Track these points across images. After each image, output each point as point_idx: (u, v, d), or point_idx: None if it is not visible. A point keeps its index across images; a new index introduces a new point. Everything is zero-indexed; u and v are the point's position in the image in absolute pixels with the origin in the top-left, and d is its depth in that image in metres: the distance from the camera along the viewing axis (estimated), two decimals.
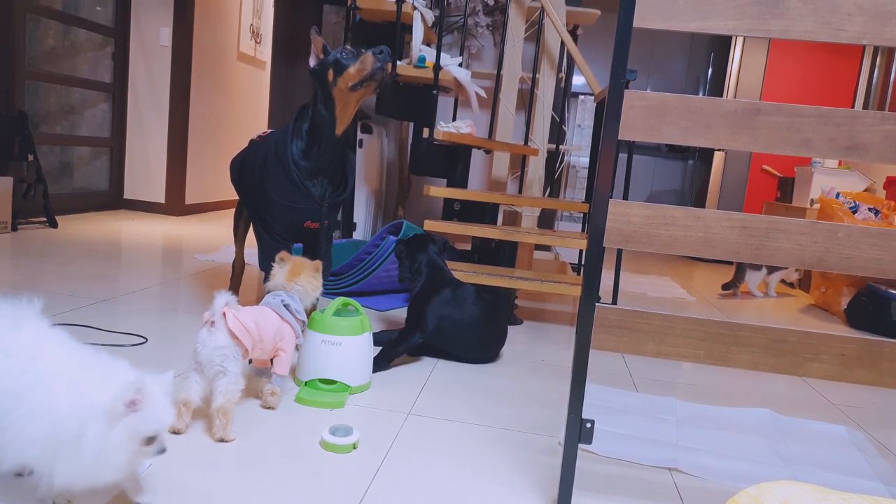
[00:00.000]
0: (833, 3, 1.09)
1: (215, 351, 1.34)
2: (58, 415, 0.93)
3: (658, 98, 1.14)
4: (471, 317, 2.00)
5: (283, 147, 1.91)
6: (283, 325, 1.52)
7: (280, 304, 1.54)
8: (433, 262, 2.08)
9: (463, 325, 1.99)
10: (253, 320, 1.42)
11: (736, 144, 1.14)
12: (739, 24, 1.12)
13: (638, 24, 1.13)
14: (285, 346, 1.52)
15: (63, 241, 3.37)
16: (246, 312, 1.43)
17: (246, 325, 1.39)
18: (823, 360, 1.20)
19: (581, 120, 5.90)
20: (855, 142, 1.11)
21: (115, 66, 4.66)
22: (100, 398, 0.94)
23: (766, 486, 0.75)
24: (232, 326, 1.36)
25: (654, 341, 1.22)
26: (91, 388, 0.96)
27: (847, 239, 1.13)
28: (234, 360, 1.36)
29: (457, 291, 2.01)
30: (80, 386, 0.96)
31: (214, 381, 1.34)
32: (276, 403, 1.52)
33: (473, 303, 2.01)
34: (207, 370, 1.35)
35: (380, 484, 1.23)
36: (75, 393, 0.95)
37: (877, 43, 1.08)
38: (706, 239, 1.15)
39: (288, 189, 1.93)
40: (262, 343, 1.45)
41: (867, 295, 3.17)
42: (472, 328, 2.01)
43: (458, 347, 2.03)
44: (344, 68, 1.86)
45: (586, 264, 1.18)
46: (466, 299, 2.01)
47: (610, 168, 1.16)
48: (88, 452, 0.93)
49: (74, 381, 0.97)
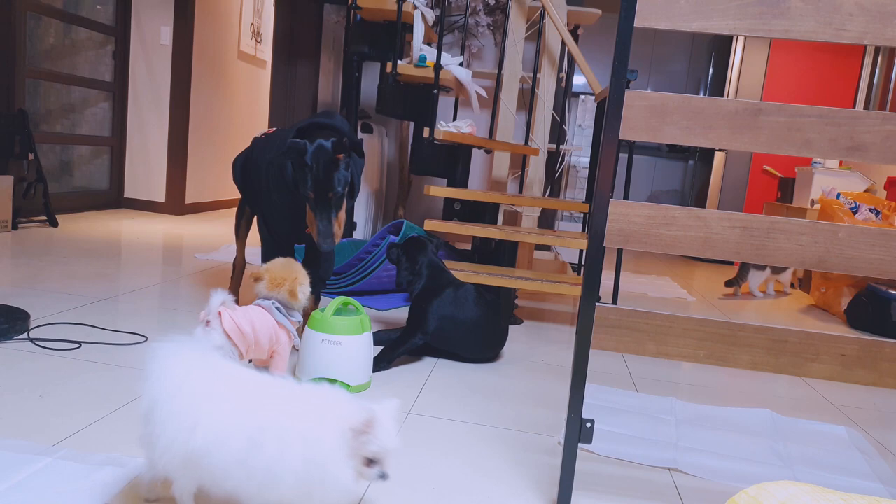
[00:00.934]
0: (834, 2, 1.09)
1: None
2: (307, 454, 0.91)
3: (659, 98, 1.14)
4: (472, 317, 2.00)
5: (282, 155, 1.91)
6: (278, 327, 1.51)
7: (272, 307, 1.51)
8: (433, 262, 2.07)
9: (464, 326, 1.99)
10: (249, 321, 1.41)
11: (737, 145, 1.14)
12: (740, 24, 1.12)
13: (639, 23, 1.13)
14: (280, 348, 1.51)
15: (63, 239, 3.37)
16: (242, 313, 1.41)
17: (241, 326, 1.37)
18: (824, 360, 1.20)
19: (581, 120, 5.90)
20: (856, 142, 1.11)
21: (116, 64, 4.65)
22: (338, 432, 0.93)
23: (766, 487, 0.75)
24: (227, 327, 1.34)
25: (654, 341, 1.22)
26: (327, 423, 0.94)
27: (848, 239, 1.13)
28: (231, 360, 1.34)
29: (458, 292, 2.01)
30: (316, 421, 0.94)
31: None
32: None
33: (475, 303, 2.01)
34: None
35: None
36: (315, 430, 0.93)
37: (878, 43, 1.08)
38: (707, 239, 1.15)
39: (290, 196, 1.93)
40: (259, 345, 1.43)
41: (867, 295, 3.17)
42: (473, 329, 2.00)
43: (460, 348, 2.03)
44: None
45: (587, 264, 1.18)
46: (468, 300, 2.01)
47: (611, 168, 1.16)
48: (335, 486, 0.92)
49: (308, 417, 0.94)
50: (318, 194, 1.74)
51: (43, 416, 1.36)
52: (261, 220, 2.10)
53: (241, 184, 2.18)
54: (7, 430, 1.28)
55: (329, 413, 0.96)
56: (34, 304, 2.13)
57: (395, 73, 3.06)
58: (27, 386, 1.50)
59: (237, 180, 2.19)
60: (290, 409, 0.95)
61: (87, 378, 1.58)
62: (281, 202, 1.97)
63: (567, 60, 3.65)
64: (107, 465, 1.17)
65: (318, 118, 1.97)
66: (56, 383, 1.53)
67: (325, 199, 1.75)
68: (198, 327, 1.35)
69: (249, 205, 2.24)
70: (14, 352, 1.71)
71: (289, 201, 1.94)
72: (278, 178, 1.92)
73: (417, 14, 3.17)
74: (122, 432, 1.32)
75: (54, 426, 1.32)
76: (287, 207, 1.96)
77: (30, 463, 1.16)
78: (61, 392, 1.48)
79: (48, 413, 1.37)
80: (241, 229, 2.38)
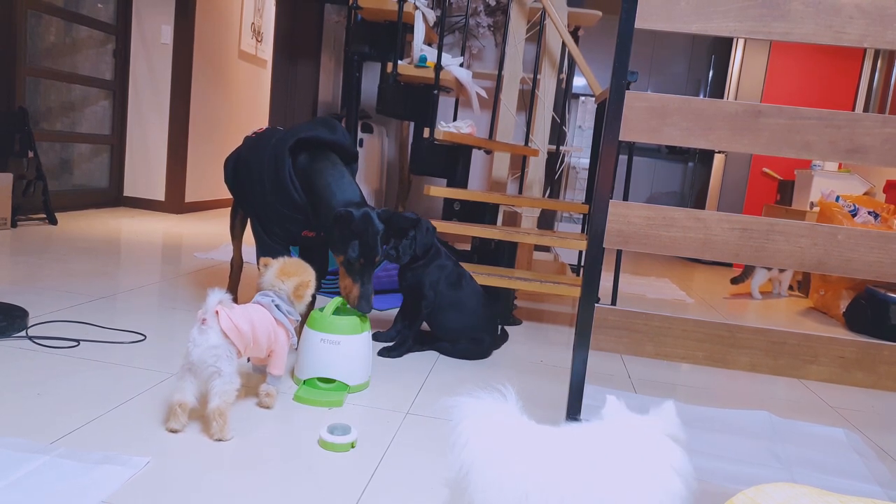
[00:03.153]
0: (834, 5, 1.09)
1: (208, 351, 1.30)
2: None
3: (659, 99, 1.14)
4: (467, 291, 2.09)
5: (281, 164, 1.91)
6: (277, 326, 1.50)
7: (272, 305, 1.50)
8: (425, 240, 2.09)
9: (458, 299, 2.08)
10: (248, 320, 1.39)
11: (737, 146, 1.14)
12: (741, 26, 1.12)
13: (640, 25, 1.13)
14: (278, 347, 1.50)
15: (62, 238, 3.37)
16: (240, 311, 1.39)
17: (239, 325, 1.35)
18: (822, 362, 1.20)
19: (581, 121, 5.90)
20: (855, 144, 1.11)
21: (116, 63, 4.65)
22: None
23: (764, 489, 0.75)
24: (224, 326, 1.32)
25: (653, 342, 1.22)
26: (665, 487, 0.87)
27: (847, 242, 1.13)
28: (229, 360, 1.32)
29: (448, 262, 2.11)
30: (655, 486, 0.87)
31: (209, 381, 1.31)
32: (271, 404, 1.51)
33: (470, 279, 2.13)
34: (201, 371, 1.31)
35: (378, 483, 1.23)
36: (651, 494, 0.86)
37: (878, 46, 1.08)
38: (706, 240, 1.15)
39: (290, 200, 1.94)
40: (257, 343, 1.42)
41: (866, 298, 3.17)
42: (466, 303, 2.09)
43: (453, 322, 2.07)
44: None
45: (586, 264, 1.18)
46: (463, 275, 2.12)
47: (610, 169, 1.17)
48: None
49: (645, 486, 0.87)
50: (367, 260, 1.83)
51: (41, 414, 1.36)
52: (255, 222, 2.09)
53: (233, 183, 2.16)
54: (5, 428, 1.28)
55: (662, 475, 0.88)
56: (33, 301, 2.13)
57: (396, 73, 3.06)
58: (25, 384, 1.50)
59: (228, 181, 2.17)
60: (625, 480, 0.87)
61: (86, 376, 1.58)
62: (278, 205, 1.96)
63: (567, 61, 3.66)
64: (105, 464, 1.17)
65: (320, 131, 1.96)
66: (54, 381, 1.53)
67: (371, 264, 1.84)
68: (193, 328, 1.34)
69: (241, 205, 2.23)
70: (12, 349, 1.71)
71: (288, 205, 1.94)
72: (276, 181, 1.91)
73: (418, 14, 3.17)
74: (120, 431, 1.32)
75: (52, 424, 1.32)
76: (285, 209, 1.96)
77: (27, 461, 1.15)
78: (59, 390, 1.48)
79: (46, 411, 1.37)
80: (237, 228, 2.37)
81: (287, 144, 1.91)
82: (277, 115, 5.45)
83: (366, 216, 1.83)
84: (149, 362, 1.72)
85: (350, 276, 1.82)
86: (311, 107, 5.15)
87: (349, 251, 1.81)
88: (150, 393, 1.52)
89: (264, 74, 6.23)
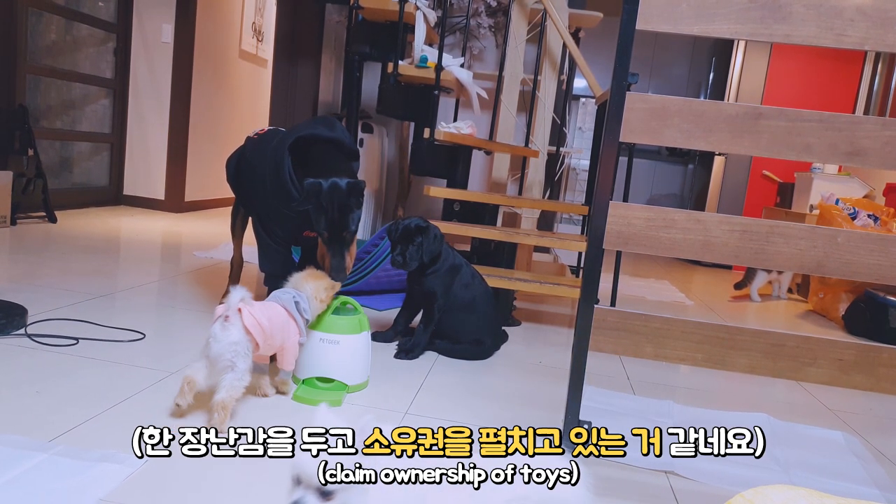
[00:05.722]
0: (835, 8, 1.09)
1: (228, 346, 1.34)
2: None
3: (660, 101, 1.14)
4: (477, 290, 2.11)
5: (280, 164, 1.90)
6: (290, 322, 1.53)
7: (292, 300, 1.55)
8: (432, 247, 2.08)
9: (468, 299, 2.09)
10: (266, 317, 1.43)
11: (737, 148, 1.14)
12: (742, 28, 1.12)
13: (641, 26, 1.13)
14: (289, 343, 1.53)
15: (62, 236, 3.37)
16: (259, 308, 1.44)
17: (261, 322, 1.40)
18: (821, 364, 1.20)
19: (582, 123, 5.90)
20: (856, 147, 1.11)
21: (117, 61, 4.65)
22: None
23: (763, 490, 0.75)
24: (248, 323, 1.37)
25: (652, 344, 1.22)
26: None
27: (846, 244, 1.13)
28: (245, 357, 1.37)
29: (457, 262, 2.11)
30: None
31: (221, 374, 1.35)
32: (287, 390, 1.59)
33: (481, 281, 2.15)
34: (217, 364, 1.35)
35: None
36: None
37: (879, 49, 1.08)
38: (706, 242, 1.15)
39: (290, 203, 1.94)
40: (272, 339, 1.46)
41: (865, 301, 3.17)
42: (478, 305, 2.10)
43: (463, 324, 2.08)
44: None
45: (586, 266, 1.18)
46: (475, 276, 2.13)
47: (611, 170, 1.17)
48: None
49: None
50: (332, 233, 1.80)
51: (39, 412, 1.36)
52: (256, 222, 2.09)
53: (235, 184, 2.16)
54: (3, 425, 1.28)
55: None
56: (32, 299, 2.13)
57: (397, 73, 3.06)
58: (24, 382, 1.50)
59: (231, 181, 2.17)
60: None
61: (84, 374, 1.58)
62: (280, 206, 1.96)
63: (568, 63, 3.66)
64: (103, 462, 1.17)
65: (319, 129, 1.95)
66: (53, 379, 1.53)
67: (339, 238, 1.81)
68: (215, 323, 1.36)
69: (243, 205, 2.23)
70: (11, 347, 1.71)
71: (288, 207, 1.93)
72: (277, 182, 1.91)
73: (419, 15, 3.17)
74: (118, 429, 1.32)
75: (51, 422, 1.31)
76: (285, 210, 1.96)
77: (26, 459, 1.15)
78: (58, 388, 1.48)
79: (45, 409, 1.37)
80: (237, 228, 2.37)
81: (286, 143, 1.91)
82: (278, 115, 5.44)
83: (333, 187, 1.77)
84: (148, 361, 1.72)
85: (326, 248, 1.83)
86: (311, 106, 5.14)
87: (318, 226, 1.80)
88: (148, 391, 1.52)
89: (265, 74, 6.23)
